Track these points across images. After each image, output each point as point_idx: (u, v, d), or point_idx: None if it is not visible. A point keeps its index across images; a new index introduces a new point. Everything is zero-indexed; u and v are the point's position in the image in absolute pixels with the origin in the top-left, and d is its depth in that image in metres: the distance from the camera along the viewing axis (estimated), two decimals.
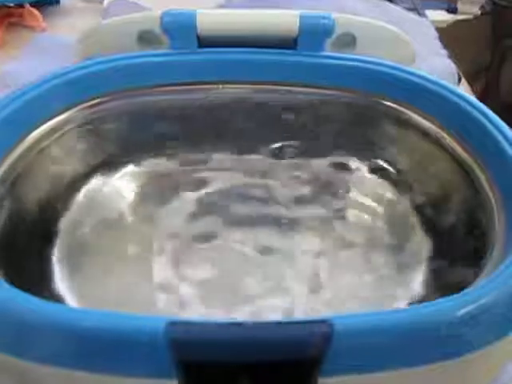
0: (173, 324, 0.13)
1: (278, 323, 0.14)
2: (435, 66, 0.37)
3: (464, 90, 0.40)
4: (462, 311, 0.14)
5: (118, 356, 0.14)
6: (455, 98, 0.20)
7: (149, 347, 0.13)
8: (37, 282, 0.19)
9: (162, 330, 0.13)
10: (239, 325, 0.14)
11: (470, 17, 0.45)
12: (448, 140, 0.21)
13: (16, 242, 0.20)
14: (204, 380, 0.14)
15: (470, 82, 0.41)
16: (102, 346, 0.14)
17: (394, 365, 0.14)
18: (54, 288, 0.19)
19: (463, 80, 0.39)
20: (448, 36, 0.42)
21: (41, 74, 0.36)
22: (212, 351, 0.13)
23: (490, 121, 0.19)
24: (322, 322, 0.13)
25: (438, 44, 0.40)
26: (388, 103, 0.22)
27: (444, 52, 0.39)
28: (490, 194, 0.18)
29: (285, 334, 0.13)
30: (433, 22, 0.42)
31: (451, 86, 0.21)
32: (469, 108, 0.20)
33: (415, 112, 0.21)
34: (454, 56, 0.39)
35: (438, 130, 0.21)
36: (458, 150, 0.20)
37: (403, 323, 0.14)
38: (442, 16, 0.43)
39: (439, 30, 0.42)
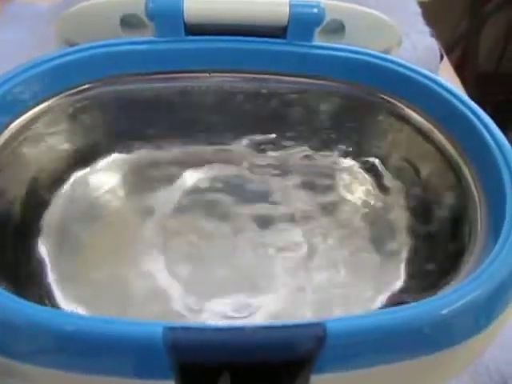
0: (170, 329, 0.14)
1: (274, 327, 0.14)
2: (418, 43, 0.37)
3: (445, 67, 0.40)
4: (444, 311, 0.15)
5: (117, 359, 0.14)
6: (445, 93, 0.20)
7: (147, 352, 0.14)
8: (24, 278, 0.19)
9: (160, 335, 0.14)
10: (236, 329, 0.14)
11: None
12: (436, 134, 0.21)
13: (1, 236, 0.19)
14: (201, 382, 0.14)
15: (448, 51, 0.41)
16: (102, 350, 0.14)
17: (381, 361, 0.15)
18: (44, 285, 0.19)
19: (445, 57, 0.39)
20: (428, 9, 0.42)
21: (16, 47, 0.35)
22: (210, 354, 0.14)
23: (477, 116, 0.20)
24: (317, 324, 0.14)
25: (420, 20, 0.39)
26: (378, 95, 0.22)
27: (426, 29, 0.38)
28: (475, 191, 0.19)
29: (281, 337, 0.14)
30: None
31: (441, 79, 0.21)
32: (459, 105, 0.20)
33: (405, 105, 0.22)
34: (433, 27, 0.38)
35: (428, 124, 0.21)
36: (447, 144, 0.20)
37: (391, 324, 0.15)
38: None
39: (421, 4, 0.42)
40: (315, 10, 0.22)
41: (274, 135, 0.24)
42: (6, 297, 0.15)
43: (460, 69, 0.47)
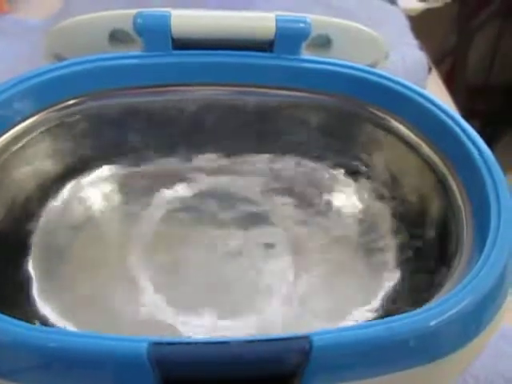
0: (156, 344, 0.14)
1: (260, 341, 0.14)
2: (406, 56, 0.37)
3: (434, 79, 0.40)
4: (431, 323, 0.15)
5: (102, 375, 0.14)
6: (432, 107, 0.21)
7: (132, 367, 0.14)
8: (10, 295, 0.19)
9: (145, 350, 0.14)
10: (221, 343, 0.14)
11: (440, 4, 0.46)
12: (423, 146, 0.21)
13: None
14: None
15: (437, 64, 0.42)
16: (86, 366, 0.14)
17: (368, 374, 0.15)
18: (33, 301, 0.19)
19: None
20: (417, 23, 0.42)
21: (6, 61, 0.35)
22: (195, 369, 0.14)
23: (463, 129, 0.20)
24: (302, 338, 0.14)
25: (409, 34, 0.40)
26: (365, 108, 0.22)
27: (415, 42, 0.39)
28: (461, 203, 0.19)
29: (266, 351, 0.14)
30: (404, 10, 0.42)
31: (428, 93, 0.21)
32: (446, 119, 0.20)
33: (391, 117, 0.22)
34: (422, 41, 0.39)
35: (415, 137, 0.21)
36: (433, 157, 0.21)
37: (378, 337, 0.14)
38: (412, 4, 0.43)
39: (409, 18, 0.42)
40: (301, 25, 0.22)
41: (261, 147, 0.24)
42: None
43: (449, 81, 0.47)
